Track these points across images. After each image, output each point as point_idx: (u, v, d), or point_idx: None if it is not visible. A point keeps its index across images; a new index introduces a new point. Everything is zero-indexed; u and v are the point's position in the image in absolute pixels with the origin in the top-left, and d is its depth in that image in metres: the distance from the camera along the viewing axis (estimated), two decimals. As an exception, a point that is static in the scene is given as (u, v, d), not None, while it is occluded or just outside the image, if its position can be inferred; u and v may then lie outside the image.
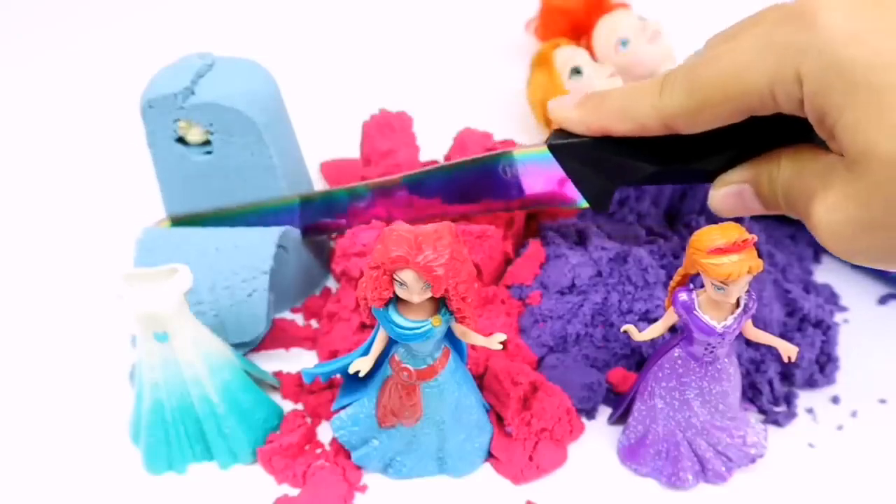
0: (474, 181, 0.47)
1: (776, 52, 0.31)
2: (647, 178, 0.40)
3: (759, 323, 0.45)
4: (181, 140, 0.47)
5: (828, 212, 0.32)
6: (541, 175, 0.44)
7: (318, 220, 0.50)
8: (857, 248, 0.32)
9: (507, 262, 0.52)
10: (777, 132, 0.36)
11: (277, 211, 0.50)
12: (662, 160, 0.39)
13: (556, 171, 0.43)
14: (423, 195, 0.48)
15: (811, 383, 0.47)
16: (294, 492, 0.42)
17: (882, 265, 0.33)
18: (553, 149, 0.42)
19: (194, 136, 0.47)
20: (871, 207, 0.30)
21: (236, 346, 0.46)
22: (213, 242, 0.47)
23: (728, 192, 0.38)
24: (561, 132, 0.41)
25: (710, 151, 0.38)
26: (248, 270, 0.46)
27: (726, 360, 0.39)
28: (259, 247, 0.47)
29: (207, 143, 0.47)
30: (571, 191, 0.44)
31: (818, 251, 0.55)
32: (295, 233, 0.49)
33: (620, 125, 0.38)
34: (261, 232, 0.48)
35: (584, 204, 0.44)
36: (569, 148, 0.41)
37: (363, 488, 0.42)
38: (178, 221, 0.51)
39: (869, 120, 0.29)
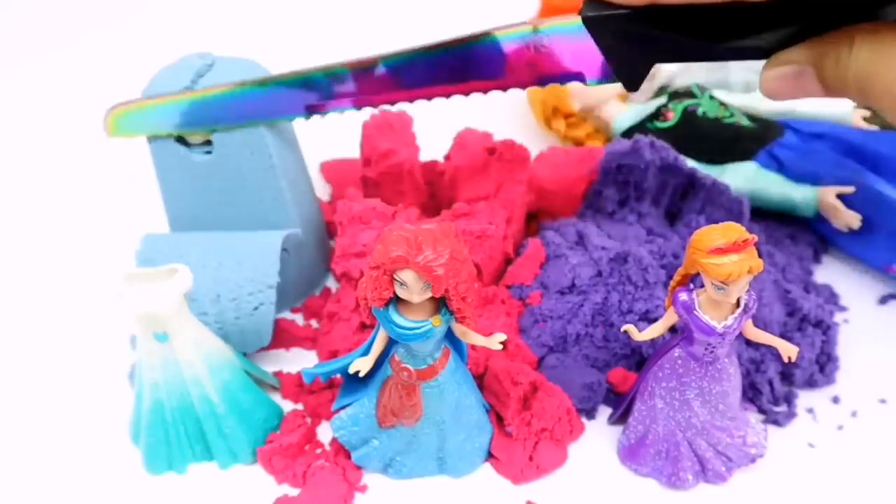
0: (468, 58, 0.43)
1: None
2: (691, 54, 0.36)
3: (759, 323, 0.45)
4: (181, 140, 0.47)
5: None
6: (564, 49, 0.39)
7: (304, 101, 0.47)
8: None
9: (507, 262, 0.52)
10: (844, 9, 0.32)
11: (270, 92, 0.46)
12: (713, 35, 0.34)
13: (582, 43, 0.38)
14: (406, 75, 0.44)
15: (811, 383, 0.47)
16: (294, 492, 0.42)
17: None
18: (588, 21, 0.37)
19: (194, 136, 0.47)
20: None
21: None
22: (215, 253, 0.47)
23: (785, 72, 0.33)
24: (595, 2, 0.36)
25: (768, 25, 0.33)
26: (254, 283, 0.46)
27: (726, 360, 0.39)
28: (263, 257, 0.47)
29: (208, 142, 0.47)
30: (590, 67, 0.39)
31: (818, 251, 0.55)
32: (295, 234, 0.49)
33: None
34: (264, 239, 0.47)
35: (599, 82, 0.39)
36: (607, 21, 0.36)
37: (363, 488, 0.42)
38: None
39: None
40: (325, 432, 0.45)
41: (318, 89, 0.46)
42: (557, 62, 0.40)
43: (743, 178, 0.55)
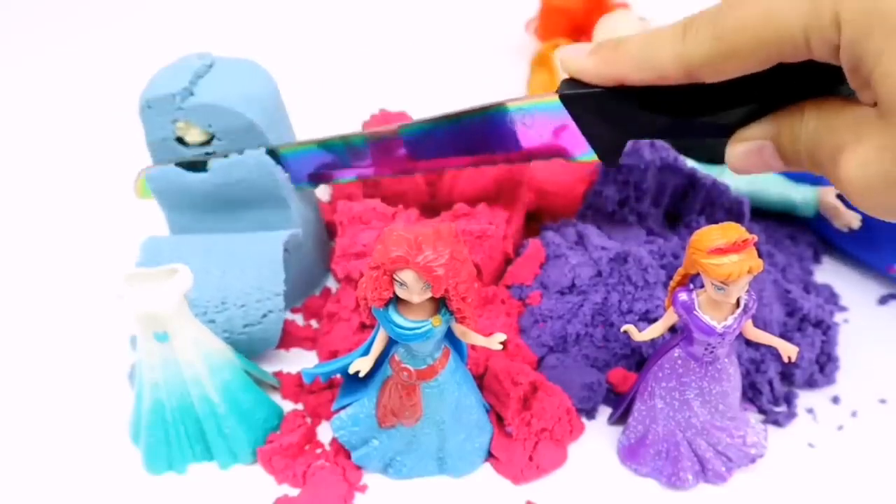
0: (475, 132, 0.44)
1: None
2: (660, 131, 0.38)
3: (759, 323, 0.45)
4: (180, 140, 0.47)
5: (859, 166, 0.30)
6: (548, 126, 0.42)
7: (318, 169, 0.50)
8: (890, 204, 0.30)
9: (507, 262, 0.52)
10: (800, 83, 0.34)
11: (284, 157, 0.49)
12: (679, 112, 0.37)
13: (563, 121, 0.40)
14: (420, 147, 0.46)
15: (811, 383, 0.47)
16: (294, 492, 0.42)
17: None
18: (565, 99, 0.39)
19: (193, 136, 0.47)
20: None
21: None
22: (217, 258, 0.47)
23: (747, 148, 0.35)
24: (572, 82, 0.39)
25: (730, 103, 0.36)
26: (262, 291, 0.46)
27: (726, 360, 0.39)
28: (267, 263, 0.47)
29: (206, 143, 0.47)
30: (574, 143, 0.41)
31: (818, 251, 0.55)
32: (296, 234, 0.49)
33: (638, 74, 0.35)
34: (265, 243, 0.47)
35: (586, 157, 0.42)
36: (582, 98, 0.39)
37: (363, 488, 0.42)
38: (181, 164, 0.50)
39: None
40: (325, 432, 0.45)
41: (333, 156, 0.49)
42: (541, 138, 0.43)
43: (743, 178, 0.55)
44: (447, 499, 0.42)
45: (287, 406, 0.46)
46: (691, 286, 0.38)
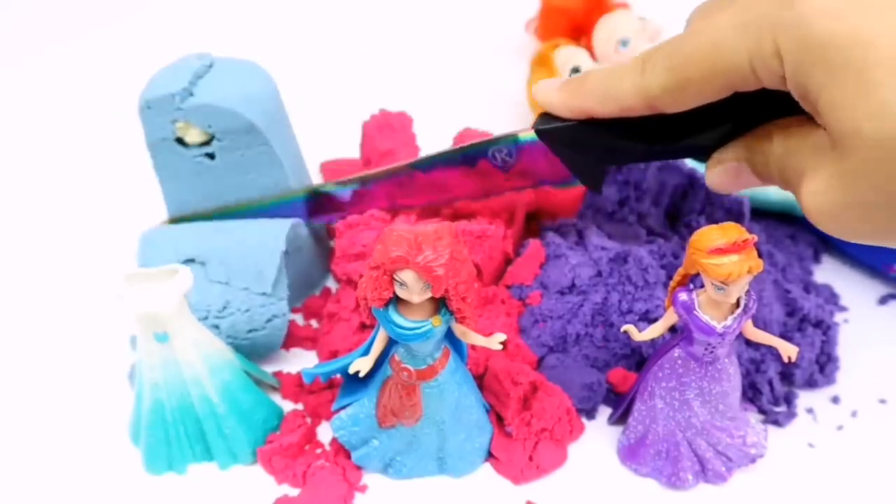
0: (470, 166, 0.46)
1: (755, 26, 0.30)
2: (638, 157, 0.40)
3: (759, 323, 0.45)
4: (180, 141, 0.47)
5: (815, 193, 0.31)
6: (539, 156, 0.43)
7: (320, 214, 0.51)
8: (848, 229, 0.31)
9: (507, 262, 0.52)
10: (769, 105, 0.35)
11: (281, 206, 0.50)
12: (651, 140, 0.38)
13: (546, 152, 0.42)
14: (421, 184, 0.48)
15: (811, 383, 0.47)
16: (294, 492, 0.42)
17: (879, 243, 0.32)
18: (540, 134, 0.41)
19: (193, 137, 0.47)
20: (858, 189, 0.29)
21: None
22: (218, 255, 0.47)
23: (724, 169, 0.37)
24: (548, 115, 0.41)
25: (701, 128, 0.37)
26: (266, 297, 0.46)
27: (726, 360, 0.39)
28: (267, 266, 0.46)
29: (206, 143, 0.47)
30: (559, 172, 0.43)
31: (818, 251, 0.55)
32: (294, 233, 0.49)
33: (602, 107, 0.37)
34: (264, 244, 0.47)
35: (571, 185, 0.44)
36: (556, 132, 0.40)
37: (363, 488, 0.42)
38: (178, 220, 0.51)
39: (852, 99, 0.28)
40: (325, 432, 0.45)
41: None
42: (531, 169, 0.45)
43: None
44: (447, 499, 0.42)
45: (287, 406, 0.46)
46: (691, 286, 0.38)
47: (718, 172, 0.37)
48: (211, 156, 0.48)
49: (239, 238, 0.47)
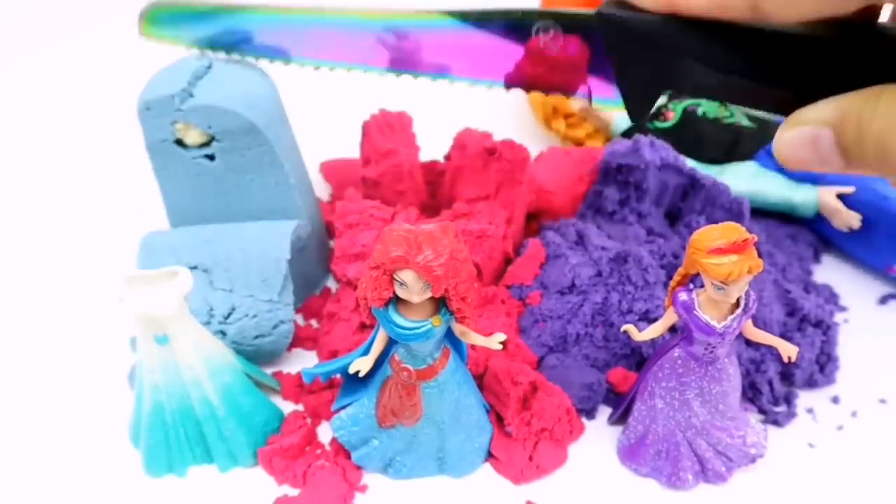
0: (489, 39, 0.38)
1: None
2: (706, 88, 0.31)
3: (759, 323, 0.45)
4: (179, 142, 0.47)
5: None
6: (573, 49, 0.35)
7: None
8: None
9: (507, 262, 0.52)
10: (880, 65, 0.27)
11: None
12: (734, 66, 0.30)
13: (594, 48, 0.34)
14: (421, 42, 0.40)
15: (811, 383, 0.47)
16: (294, 492, 0.42)
17: None
18: (603, 19, 0.32)
19: (192, 138, 0.47)
20: None
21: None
22: (220, 259, 0.47)
23: (801, 135, 0.28)
24: (620, 2, 0.32)
25: (796, 70, 0.29)
26: (272, 303, 0.46)
27: (726, 360, 0.39)
28: (272, 275, 0.46)
29: (205, 145, 0.47)
30: (598, 81, 0.35)
31: (818, 251, 0.55)
32: (296, 236, 0.49)
33: None
34: (268, 251, 0.47)
35: (607, 103, 0.35)
36: (623, 23, 0.31)
37: (363, 488, 0.42)
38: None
39: None
40: (325, 432, 0.45)
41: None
42: (561, 62, 0.35)
43: (743, 178, 0.55)
44: (447, 499, 0.42)
45: (287, 407, 0.46)
46: (691, 286, 0.38)
47: (793, 138, 0.29)
48: (210, 157, 0.47)
49: (241, 246, 0.47)
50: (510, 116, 0.68)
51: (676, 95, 0.33)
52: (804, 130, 0.28)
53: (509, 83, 0.39)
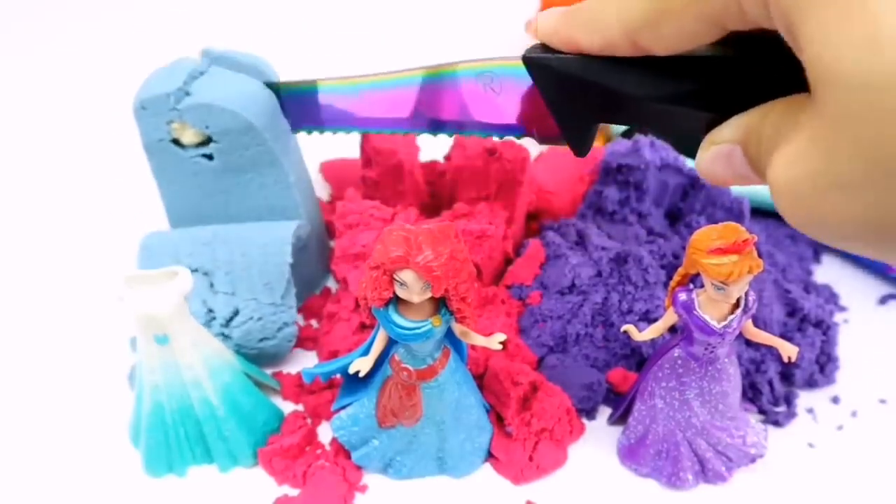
0: (441, 94, 0.40)
1: None
2: (630, 116, 0.33)
3: (759, 323, 0.45)
4: (176, 142, 0.47)
5: (786, 166, 0.24)
6: (516, 95, 0.37)
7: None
8: (821, 215, 0.23)
9: (507, 262, 0.52)
10: (784, 76, 0.27)
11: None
12: (644, 94, 0.31)
13: (532, 92, 0.36)
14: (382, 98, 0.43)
15: (811, 383, 0.47)
16: (294, 492, 0.42)
17: (855, 244, 0.23)
18: (528, 63, 0.34)
19: (189, 137, 0.47)
20: (836, 153, 0.21)
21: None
22: (221, 259, 0.47)
23: (716, 154, 0.29)
24: (542, 46, 0.34)
25: (709, 92, 0.30)
26: (275, 306, 0.46)
27: (726, 360, 0.39)
28: (275, 279, 0.46)
29: (202, 144, 0.47)
30: (543, 121, 0.36)
31: (818, 251, 0.55)
32: (297, 237, 0.49)
33: (587, 38, 0.31)
34: (270, 255, 0.47)
35: (551, 141, 0.37)
36: (547, 63, 0.34)
37: (363, 488, 0.42)
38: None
39: (835, 25, 0.20)
40: (325, 432, 0.45)
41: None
42: (505, 109, 0.38)
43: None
44: (447, 499, 0.42)
45: (287, 407, 0.46)
46: (691, 286, 0.38)
47: (709, 156, 0.30)
48: (208, 157, 0.47)
49: (243, 249, 0.47)
50: (510, 116, 0.68)
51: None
52: (718, 149, 0.29)
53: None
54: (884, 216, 0.21)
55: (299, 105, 0.47)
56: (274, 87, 0.47)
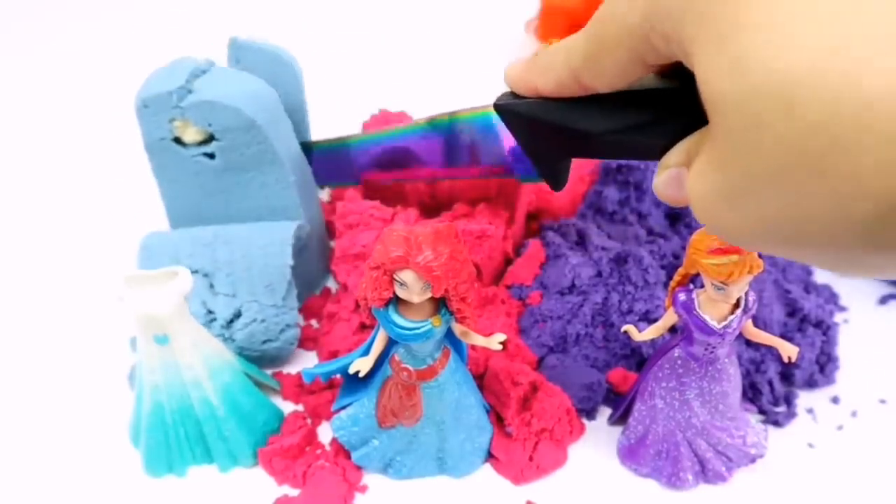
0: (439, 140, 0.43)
1: None
2: (594, 150, 0.34)
3: (760, 323, 0.45)
4: (178, 141, 0.47)
5: (693, 181, 0.26)
6: (497, 140, 0.40)
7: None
8: (727, 225, 0.25)
9: (507, 262, 0.52)
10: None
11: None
12: (600, 130, 0.33)
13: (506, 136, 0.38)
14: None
15: (811, 383, 0.47)
16: (294, 492, 0.42)
17: (763, 248, 0.25)
18: (498, 109, 0.36)
19: (191, 136, 0.47)
20: (728, 169, 0.23)
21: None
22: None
23: (667, 177, 0.30)
24: (512, 93, 0.37)
25: (652, 122, 0.32)
26: (277, 308, 0.46)
27: (726, 360, 0.39)
28: (277, 281, 0.46)
29: (204, 143, 0.47)
30: (522, 161, 0.39)
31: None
32: (297, 237, 0.49)
33: (542, 81, 0.33)
34: (271, 257, 0.47)
35: (531, 179, 0.40)
36: (510, 107, 0.36)
37: (363, 488, 0.42)
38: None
39: (714, 51, 0.22)
40: (325, 432, 0.45)
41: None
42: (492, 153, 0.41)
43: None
44: (447, 499, 0.42)
45: (287, 407, 0.46)
46: (691, 286, 0.38)
47: (662, 180, 0.31)
48: (210, 155, 0.47)
49: (243, 251, 0.47)
50: (510, 116, 0.68)
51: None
52: (668, 173, 0.30)
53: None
54: (768, 222, 0.23)
55: (330, 161, 0.50)
56: (305, 147, 0.49)
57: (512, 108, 0.36)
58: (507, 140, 0.41)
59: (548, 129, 0.35)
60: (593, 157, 0.36)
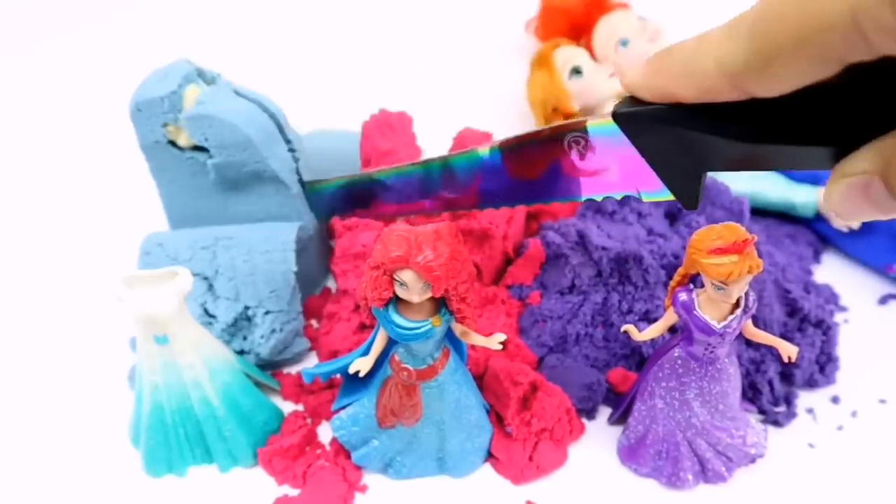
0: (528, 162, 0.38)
1: None
2: (740, 161, 0.30)
3: (760, 323, 0.45)
4: (173, 144, 0.47)
5: None
6: (609, 154, 0.35)
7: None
8: None
9: (507, 262, 0.52)
10: None
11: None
12: (752, 138, 0.29)
13: (627, 149, 0.33)
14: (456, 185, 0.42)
15: (811, 383, 0.47)
16: (294, 492, 0.42)
17: None
18: (618, 118, 0.32)
19: (184, 140, 0.47)
20: None
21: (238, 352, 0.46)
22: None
23: (851, 187, 0.27)
24: (632, 99, 0.32)
25: (824, 125, 0.28)
26: (281, 314, 0.47)
27: (726, 360, 0.39)
28: (281, 286, 0.46)
29: (199, 147, 0.47)
30: (641, 177, 0.34)
31: (818, 251, 0.55)
32: (298, 237, 0.49)
33: (684, 87, 0.29)
34: (274, 261, 0.46)
35: (657, 196, 0.34)
36: (638, 117, 0.31)
37: (363, 488, 0.42)
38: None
39: None
40: (325, 432, 0.45)
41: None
42: (604, 168, 0.35)
43: (743, 178, 0.55)
44: (447, 499, 0.42)
45: (287, 407, 0.46)
46: (691, 286, 0.38)
47: (841, 190, 0.27)
48: (204, 149, 0.47)
49: (245, 255, 0.47)
50: (510, 116, 0.68)
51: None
52: (853, 182, 0.27)
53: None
54: None
55: (329, 199, 0.49)
56: (303, 185, 0.49)
57: (638, 116, 0.31)
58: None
59: (684, 138, 0.31)
60: (738, 168, 0.31)
